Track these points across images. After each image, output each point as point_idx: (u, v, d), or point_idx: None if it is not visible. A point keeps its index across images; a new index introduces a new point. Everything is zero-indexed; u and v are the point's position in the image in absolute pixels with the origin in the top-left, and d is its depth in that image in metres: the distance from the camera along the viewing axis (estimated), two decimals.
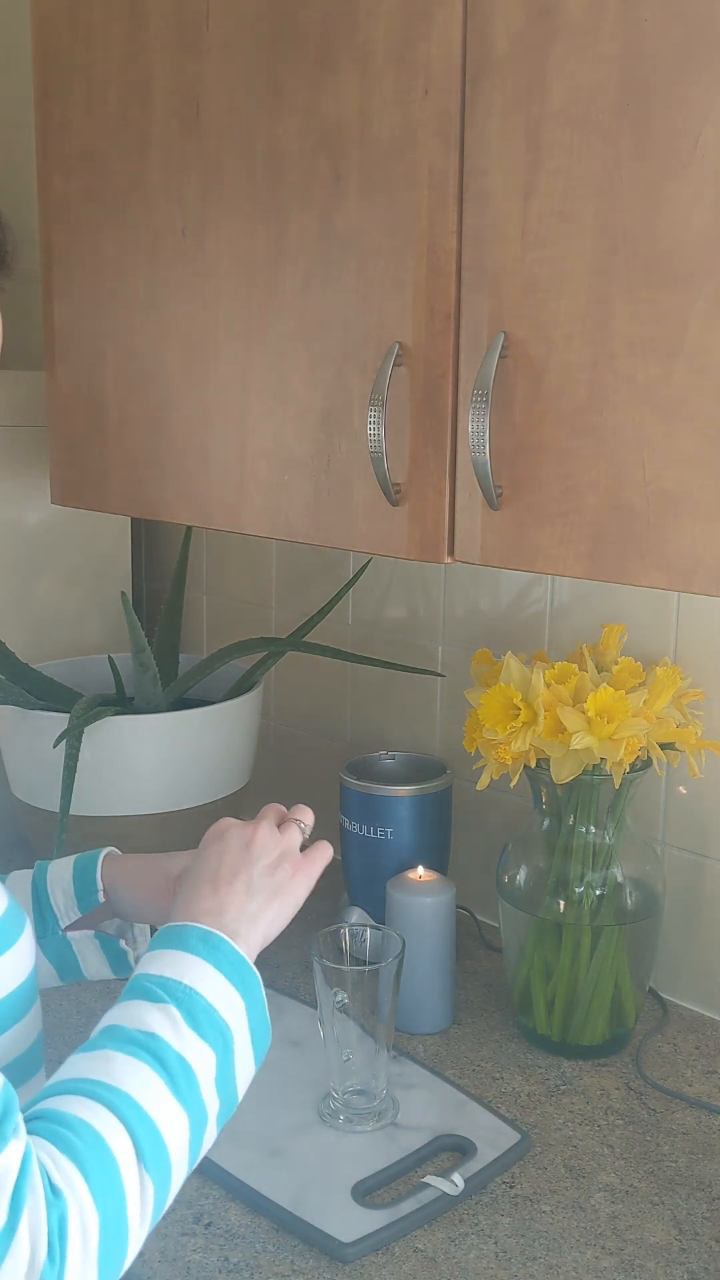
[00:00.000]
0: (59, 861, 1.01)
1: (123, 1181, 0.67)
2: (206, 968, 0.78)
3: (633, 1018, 1.25)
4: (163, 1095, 0.71)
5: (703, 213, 0.83)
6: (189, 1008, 0.75)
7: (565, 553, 0.93)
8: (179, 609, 1.63)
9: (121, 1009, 0.76)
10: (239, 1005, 0.78)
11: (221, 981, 0.78)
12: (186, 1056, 0.73)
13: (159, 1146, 0.69)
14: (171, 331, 1.24)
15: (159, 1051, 0.72)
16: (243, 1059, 0.78)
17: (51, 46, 1.33)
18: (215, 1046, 0.75)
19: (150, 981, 0.77)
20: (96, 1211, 0.65)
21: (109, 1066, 0.71)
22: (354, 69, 1.02)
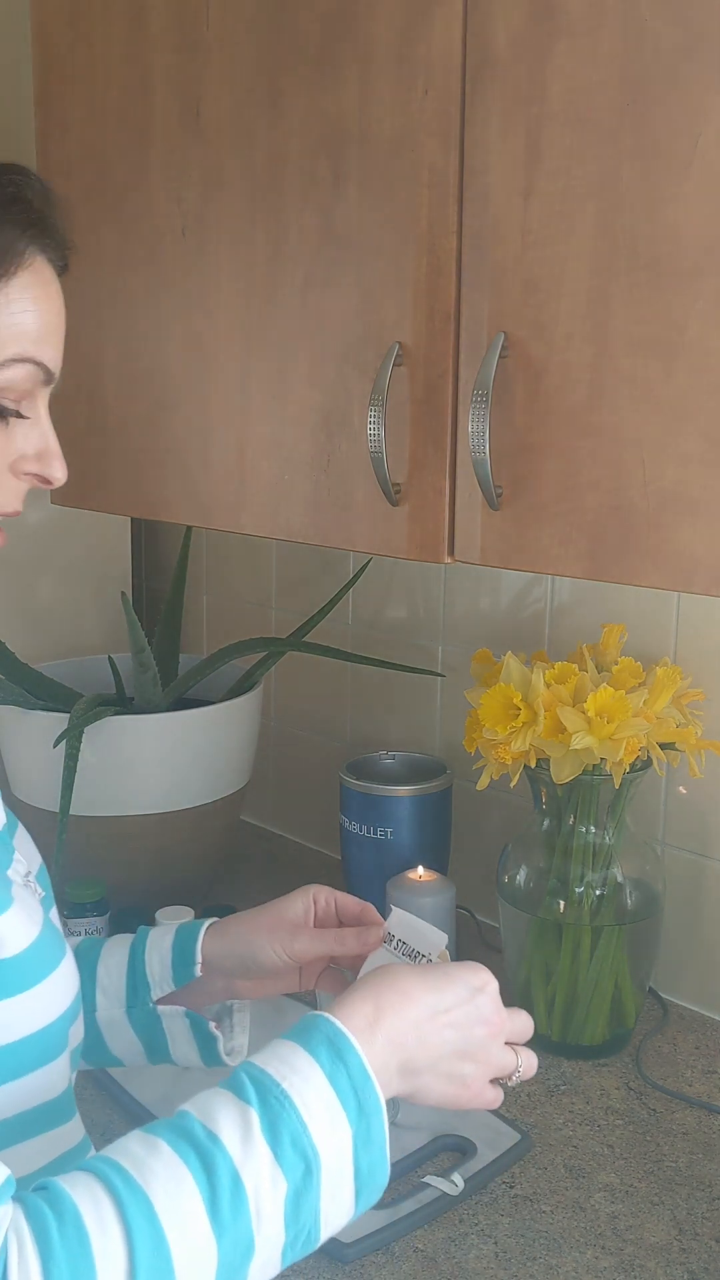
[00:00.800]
0: (159, 928, 0.94)
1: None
2: (319, 1077, 0.67)
3: (633, 1018, 1.25)
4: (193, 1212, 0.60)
5: (703, 213, 0.82)
6: (273, 1119, 0.64)
7: (565, 553, 0.93)
8: (179, 609, 1.63)
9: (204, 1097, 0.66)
10: (345, 1132, 0.66)
11: (330, 1099, 0.67)
12: (243, 1176, 0.62)
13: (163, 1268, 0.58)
14: (172, 331, 1.24)
15: (211, 1160, 0.62)
16: (333, 1194, 0.66)
17: (51, 46, 1.33)
18: (291, 1172, 0.64)
19: (248, 1073, 0.67)
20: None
21: (147, 1158, 0.61)
22: (354, 69, 1.02)
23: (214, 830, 1.54)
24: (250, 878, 1.68)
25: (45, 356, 0.74)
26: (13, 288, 0.72)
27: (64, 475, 0.78)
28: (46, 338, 0.74)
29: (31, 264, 0.73)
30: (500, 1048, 0.79)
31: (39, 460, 0.77)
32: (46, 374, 0.75)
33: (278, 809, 1.85)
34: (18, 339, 0.72)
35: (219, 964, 0.90)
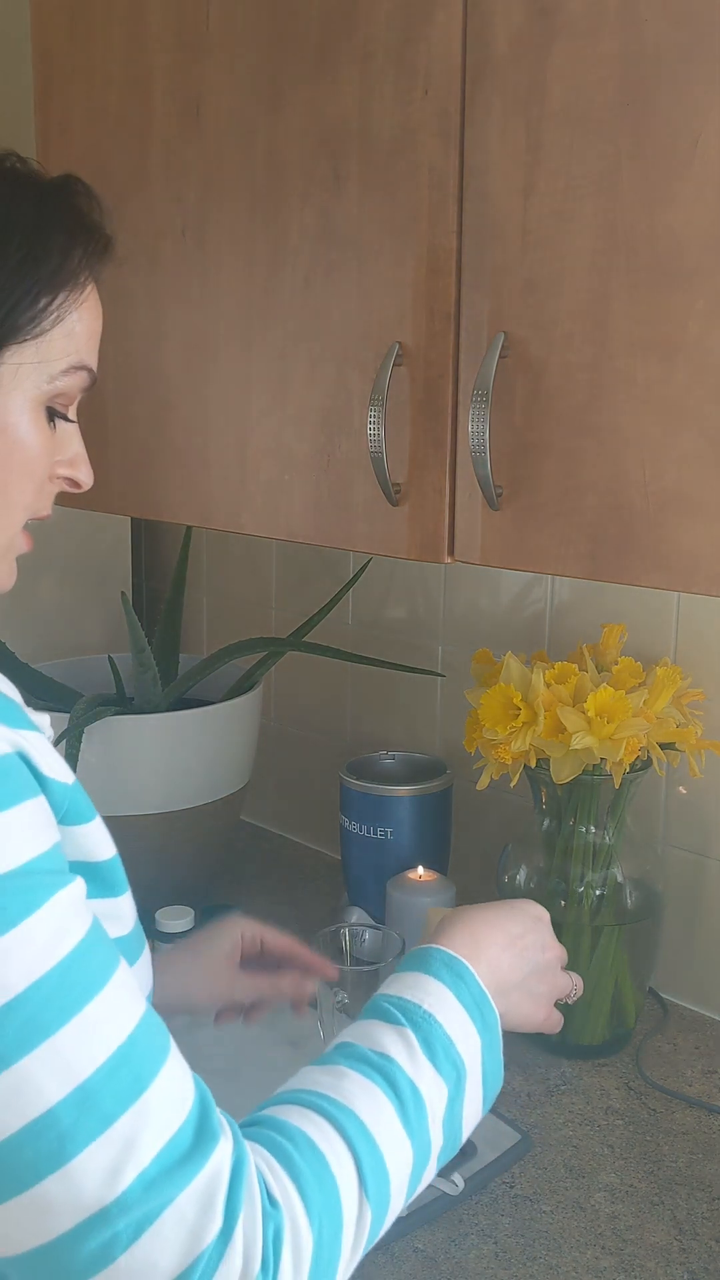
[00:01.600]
0: None
1: (341, 1205, 0.63)
2: (448, 996, 0.75)
3: (633, 1018, 1.25)
4: (392, 1121, 0.67)
5: (703, 213, 0.82)
6: (426, 1035, 0.72)
7: (565, 553, 0.93)
8: (179, 609, 1.63)
9: (357, 1028, 0.73)
10: (475, 1041, 0.74)
11: (461, 1014, 0.74)
12: (420, 1085, 0.70)
13: (382, 1173, 0.66)
14: (172, 331, 1.24)
15: (392, 1076, 0.69)
16: (472, 1099, 0.73)
17: (51, 46, 1.33)
18: (448, 1080, 0.71)
19: (389, 1002, 0.74)
20: (311, 1232, 0.61)
21: (340, 1082, 0.68)
22: (354, 69, 1.02)
23: (214, 830, 1.54)
24: (250, 878, 1.68)
25: (93, 362, 0.78)
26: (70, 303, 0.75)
27: (91, 479, 0.82)
28: (94, 344, 0.78)
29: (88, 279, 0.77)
30: (561, 971, 0.89)
31: (71, 464, 0.81)
32: (93, 378, 0.79)
33: (278, 809, 1.85)
34: (76, 349, 0.76)
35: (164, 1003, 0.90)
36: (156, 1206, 0.57)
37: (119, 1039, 0.60)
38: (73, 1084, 0.58)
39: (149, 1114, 0.59)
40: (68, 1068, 0.58)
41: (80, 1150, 0.57)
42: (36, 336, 0.73)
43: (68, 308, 0.74)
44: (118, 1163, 0.57)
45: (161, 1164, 0.58)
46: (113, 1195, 0.57)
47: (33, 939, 0.59)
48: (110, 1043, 0.60)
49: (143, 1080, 0.60)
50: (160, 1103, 0.60)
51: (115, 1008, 0.61)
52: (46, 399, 0.76)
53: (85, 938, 0.61)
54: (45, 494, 0.80)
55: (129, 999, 0.62)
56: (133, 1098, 0.59)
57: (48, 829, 0.63)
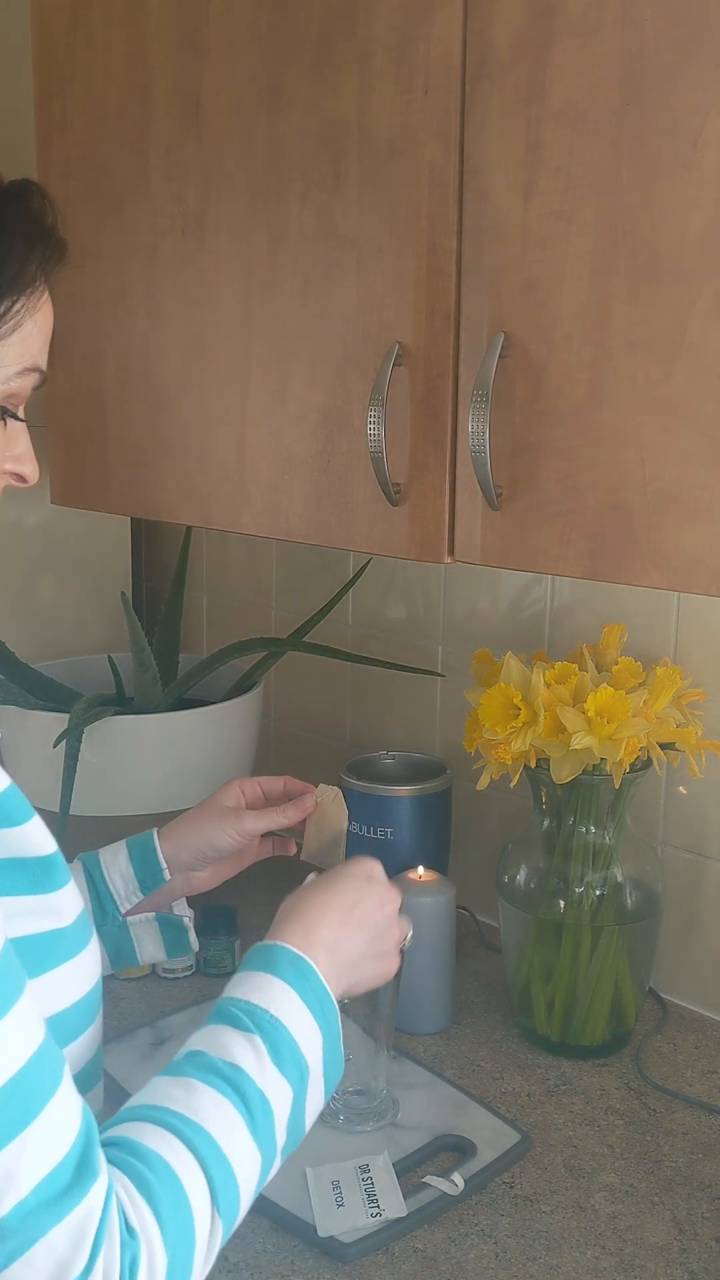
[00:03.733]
0: (107, 849, 1.02)
1: (194, 1225, 0.65)
2: (293, 997, 0.77)
3: (633, 1018, 1.25)
4: (241, 1133, 0.70)
5: (703, 212, 0.82)
6: (274, 1041, 0.74)
7: (565, 553, 0.93)
8: (179, 609, 1.63)
9: (207, 1034, 0.75)
10: (317, 1040, 0.77)
11: (305, 1014, 0.77)
12: (267, 1093, 0.72)
13: (232, 1188, 0.68)
14: (171, 331, 1.24)
15: (241, 1086, 0.71)
16: (314, 1094, 0.76)
17: (51, 46, 1.33)
18: (293, 1082, 0.74)
19: (238, 1008, 0.76)
20: (166, 1255, 0.64)
21: (191, 1098, 0.70)
22: (354, 68, 1.02)
23: None
24: (250, 878, 1.68)
25: (45, 363, 0.80)
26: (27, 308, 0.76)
27: (37, 474, 0.83)
28: (46, 345, 0.80)
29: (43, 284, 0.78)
30: (397, 919, 0.91)
31: (19, 460, 0.82)
32: (43, 379, 0.80)
33: None
34: (30, 351, 0.78)
35: (178, 861, 1.01)
36: (30, 1238, 0.59)
37: (10, 1072, 0.61)
38: None
39: (29, 1148, 0.60)
40: None
41: None
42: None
43: (25, 313, 0.76)
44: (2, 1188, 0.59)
45: (39, 1196, 0.60)
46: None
47: None
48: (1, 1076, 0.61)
49: (29, 1114, 0.61)
50: (43, 1137, 0.61)
51: (10, 1040, 0.62)
52: (7, 398, 0.78)
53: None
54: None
55: (26, 1029, 0.63)
56: (16, 1132, 0.60)
57: None
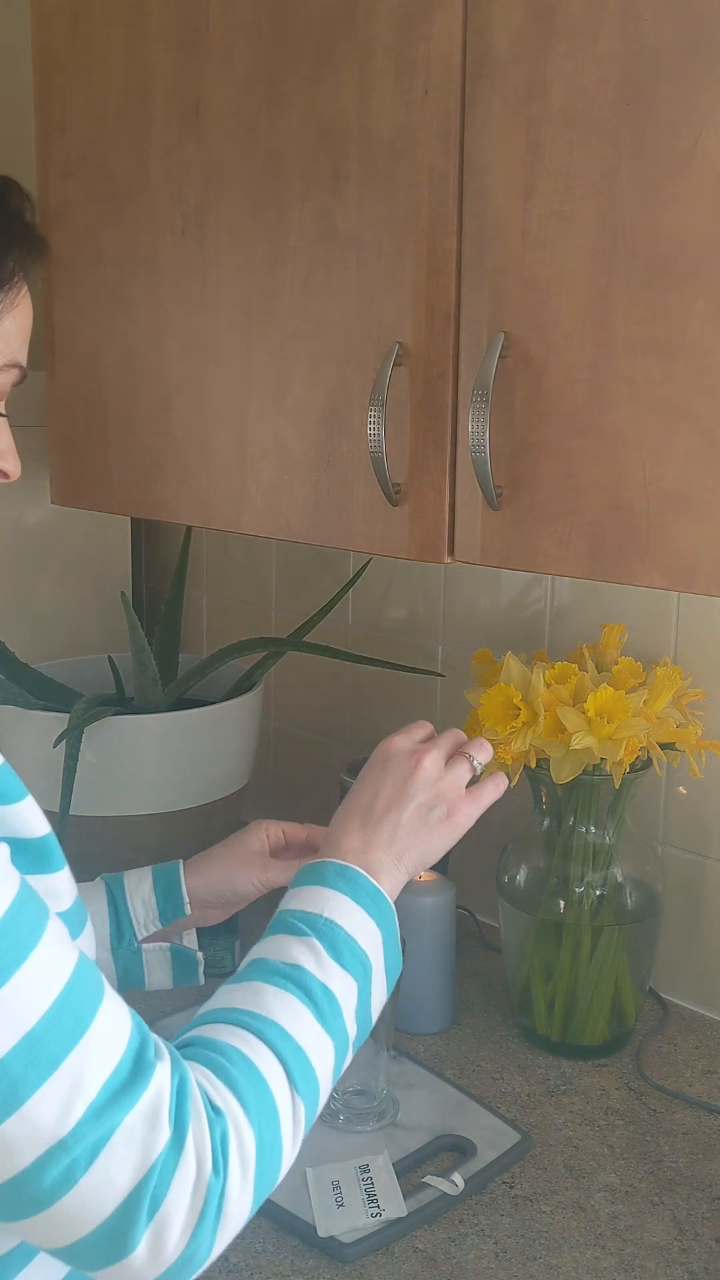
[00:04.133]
0: (132, 873, 1.03)
1: (275, 1104, 0.70)
2: (345, 900, 0.81)
3: (633, 1018, 1.25)
4: (308, 1022, 0.74)
5: (703, 213, 0.82)
6: (330, 940, 0.78)
7: (565, 553, 0.93)
8: (179, 609, 1.63)
9: (266, 944, 0.79)
10: (376, 935, 0.81)
11: (360, 914, 0.81)
12: (330, 986, 0.76)
13: (308, 1071, 0.73)
14: (172, 331, 1.24)
15: (304, 982, 0.76)
16: (378, 986, 0.80)
17: (51, 46, 1.33)
18: (356, 976, 0.78)
19: (292, 917, 0.80)
20: (253, 1130, 0.68)
21: (258, 998, 0.74)
22: (354, 69, 1.02)
23: (214, 830, 1.54)
24: None
25: (24, 359, 0.80)
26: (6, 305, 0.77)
27: (19, 470, 0.84)
28: (25, 341, 0.80)
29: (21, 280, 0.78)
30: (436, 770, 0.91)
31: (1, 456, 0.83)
32: (23, 374, 0.81)
33: (278, 809, 1.85)
34: (10, 348, 0.78)
35: (199, 899, 1.03)
36: (107, 1130, 0.63)
37: (58, 987, 0.65)
38: (19, 1034, 0.62)
39: (91, 1051, 0.64)
40: (13, 1020, 0.62)
41: (33, 1093, 0.62)
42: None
43: (4, 309, 0.77)
44: (68, 1098, 0.63)
45: (107, 1092, 0.64)
46: (67, 1128, 0.63)
47: None
48: (50, 991, 0.64)
49: (83, 1020, 0.65)
50: (100, 1040, 0.65)
51: (51, 959, 0.65)
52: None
53: (15, 898, 0.65)
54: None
55: (62, 949, 0.67)
56: (76, 1037, 0.64)
57: None
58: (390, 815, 0.88)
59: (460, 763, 0.93)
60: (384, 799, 0.89)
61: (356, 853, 0.85)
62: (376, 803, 0.89)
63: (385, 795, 0.89)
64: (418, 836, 0.88)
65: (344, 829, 0.88)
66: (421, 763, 0.91)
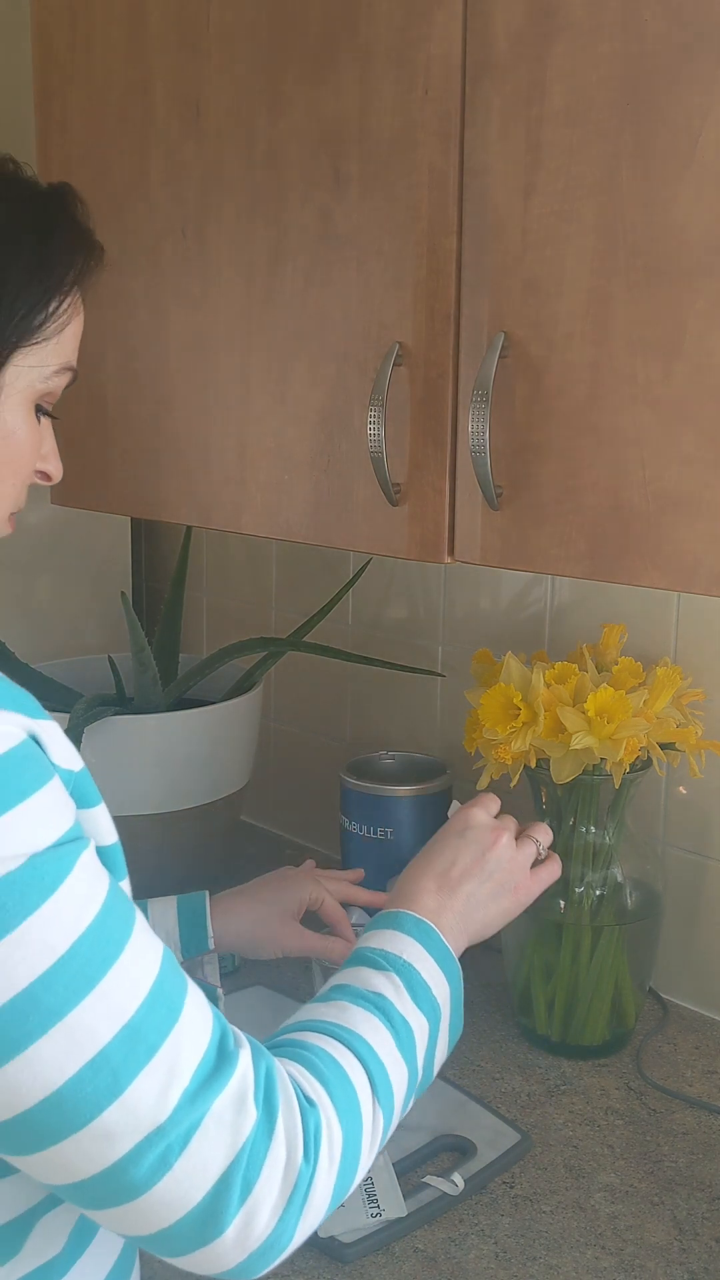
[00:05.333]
0: (156, 901, 1.05)
1: (360, 1107, 0.72)
2: (421, 950, 0.84)
3: (633, 1018, 1.25)
4: (389, 1045, 0.77)
5: (703, 213, 0.82)
6: (408, 979, 0.81)
7: (565, 553, 0.93)
8: (179, 609, 1.63)
9: (348, 973, 0.82)
10: (446, 989, 0.83)
11: (434, 966, 0.83)
12: (409, 1019, 0.79)
13: (387, 1084, 0.75)
14: (172, 331, 1.24)
15: (386, 1010, 0.78)
16: (443, 1039, 0.82)
17: (51, 47, 1.33)
18: (429, 1018, 0.81)
19: (372, 953, 0.83)
20: (341, 1128, 0.70)
21: (344, 1014, 0.77)
22: (354, 69, 1.02)
23: (214, 830, 1.54)
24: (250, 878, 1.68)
25: (76, 361, 0.82)
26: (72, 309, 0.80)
27: (61, 472, 0.86)
28: (77, 345, 0.83)
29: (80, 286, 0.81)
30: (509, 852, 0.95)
31: (46, 458, 0.84)
32: (75, 377, 0.83)
33: (278, 809, 1.85)
34: (66, 351, 0.80)
35: (223, 940, 1.05)
36: (200, 1114, 0.65)
37: (152, 976, 0.66)
38: (120, 1023, 0.64)
39: (183, 1037, 0.66)
40: (115, 1009, 0.64)
41: (133, 1080, 0.64)
42: (42, 341, 0.77)
43: (70, 313, 0.79)
44: (165, 1085, 0.64)
45: (199, 1078, 0.66)
46: (165, 1114, 0.64)
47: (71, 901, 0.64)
48: (146, 980, 0.66)
49: (175, 1009, 0.67)
50: (190, 1028, 0.67)
51: (144, 948, 0.67)
52: (38, 398, 0.79)
53: (109, 891, 0.67)
54: (25, 487, 0.83)
55: (152, 939, 0.69)
56: (170, 1025, 0.66)
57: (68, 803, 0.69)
58: (466, 884, 0.91)
59: (527, 844, 0.97)
60: (461, 867, 0.92)
61: (431, 912, 0.88)
62: (454, 869, 0.92)
63: (463, 864, 0.92)
64: (485, 909, 0.92)
65: (421, 887, 0.90)
66: (500, 840, 0.95)
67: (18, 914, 0.62)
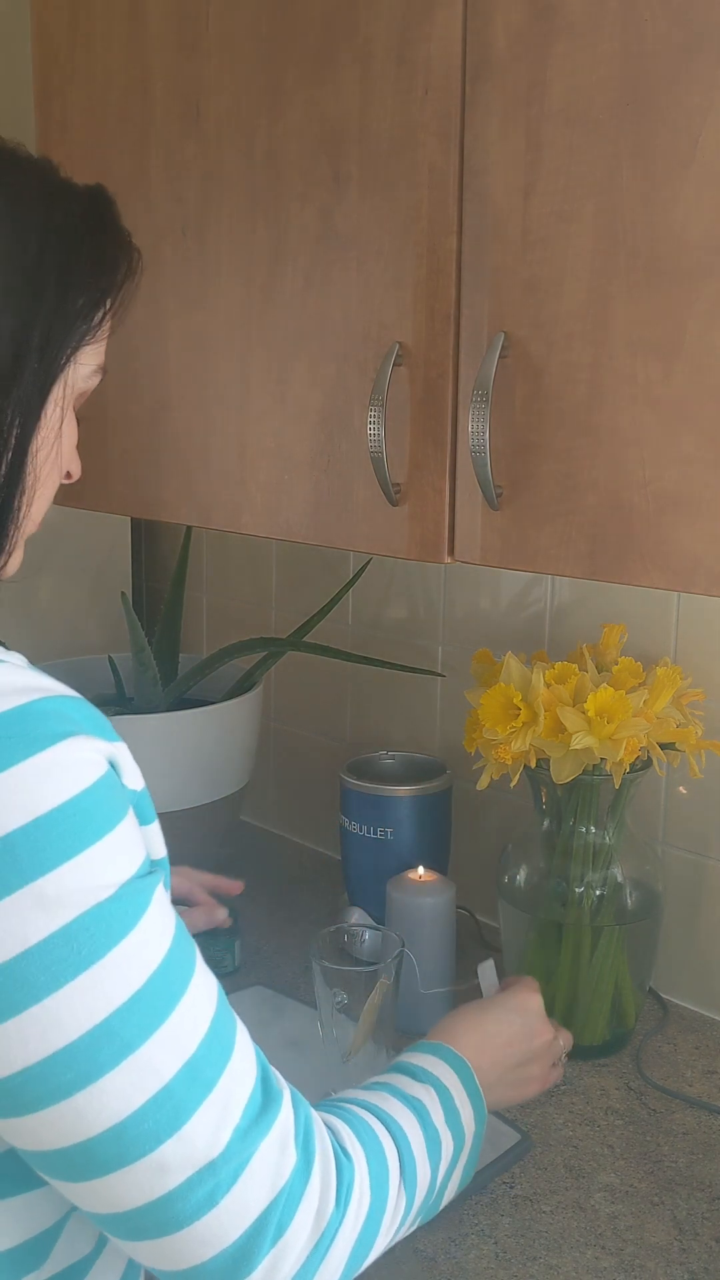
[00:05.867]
0: None
1: (389, 1178, 0.74)
2: (458, 1082, 0.87)
3: (633, 1018, 1.25)
4: (421, 1144, 0.78)
5: (703, 213, 0.82)
6: (445, 1099, 0.84)
7: (565, 553, 0.93)
8: (179, 609, 1.63)
9: (390, 1077, 0.85)
10: (473, 1126, 0.86)
11: (466, 1099, 0.86)
12: (438, 1128, 0.81)
13: (414, 1174, 0.76)
14: (172, 331, 1.24)
15: (423, 1115, 0.80)
16: (460, 1170, 0.84)
17: (51, 46, 1.33)
18: (456, 1141, 0.82)
19: (415, 1068, 0.86)
20: (370, 1190, 0.72)
21: (385, 1102, 0.80)
22: (354, 69, 1.02)
23: (214, 830, 1.54)
24: (250, 878, 1.68)
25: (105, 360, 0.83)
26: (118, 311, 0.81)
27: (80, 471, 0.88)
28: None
29: None
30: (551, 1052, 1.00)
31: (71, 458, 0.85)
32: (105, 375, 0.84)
33: (278, 809, 1.85)
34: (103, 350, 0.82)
35: None
36: (250, 1153, 0.66)
37: (211, 1011, 0.67)
38: (183, 1059, 0.65)
39: (236, 1074, 0.67)
40: (179, 1045, 0.65)
41: (192, 1114, 0.64)
42: (99, 339, 0.79)
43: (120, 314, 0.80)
44: (219, 1120, 0.65)
45: (248, 1116, 0.67)
46: (218, 1150, 0.65)
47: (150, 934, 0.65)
48: (206, 1016, 0.67)
49: (229, 1045, 0.68)
50: (241, 1066, 0.68)
51: (204, 983, 0.68)
52: (79, 396, 0.81)
53: (177, 927, 0.68)
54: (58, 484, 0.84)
55: (209, 975, 0.70)
56: (225, 1062, 0.67)
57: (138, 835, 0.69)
58: (504, 1058, 0.95)
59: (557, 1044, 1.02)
60: (507, 1040, 0.96)
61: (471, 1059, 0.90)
62: (510, 1047, 0.95)
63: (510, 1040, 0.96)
64: (506, 1089, 0.95)
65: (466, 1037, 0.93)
66: (547, 1038, 0.99)
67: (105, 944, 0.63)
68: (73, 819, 0.63)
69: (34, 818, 0.61)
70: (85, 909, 0.62)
